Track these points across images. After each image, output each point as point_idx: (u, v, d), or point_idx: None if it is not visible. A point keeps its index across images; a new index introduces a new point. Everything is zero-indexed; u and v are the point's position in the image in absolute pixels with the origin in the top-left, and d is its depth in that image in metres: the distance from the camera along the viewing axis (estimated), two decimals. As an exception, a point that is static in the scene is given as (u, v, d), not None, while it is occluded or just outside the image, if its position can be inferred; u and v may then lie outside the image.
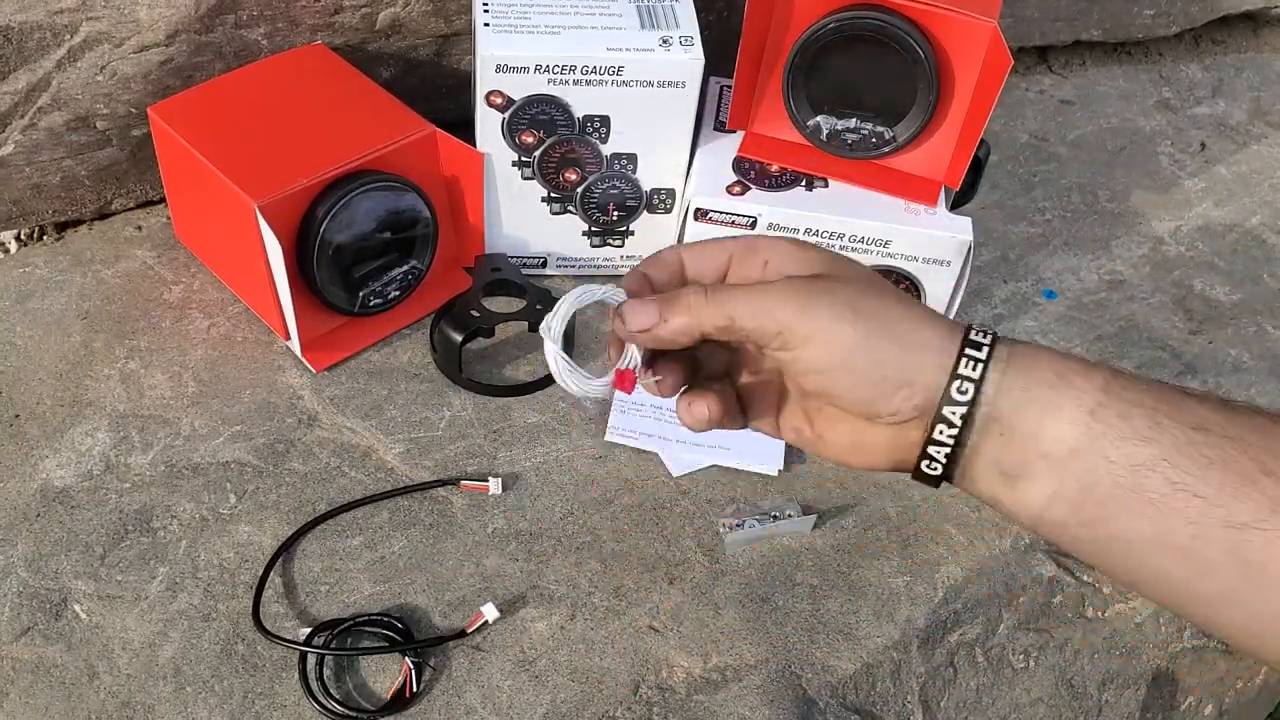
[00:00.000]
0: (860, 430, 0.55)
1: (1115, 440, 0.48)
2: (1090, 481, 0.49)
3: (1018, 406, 0.50)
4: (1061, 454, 0.49)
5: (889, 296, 0.53)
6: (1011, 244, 1.09)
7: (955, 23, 0.84)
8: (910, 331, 0.52)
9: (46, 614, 0.73)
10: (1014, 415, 0.50)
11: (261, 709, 0.70)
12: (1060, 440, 0.49)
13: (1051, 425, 0.49)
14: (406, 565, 0.77)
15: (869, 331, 0.51)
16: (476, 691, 0.72)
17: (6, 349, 0.88)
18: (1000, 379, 0.50)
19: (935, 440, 0.51)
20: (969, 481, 0.53)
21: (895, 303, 0.53)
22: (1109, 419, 0.48)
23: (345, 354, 0.90)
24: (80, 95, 0.90)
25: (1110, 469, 0.48)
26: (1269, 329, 1.04)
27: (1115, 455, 0.48)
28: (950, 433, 0.51)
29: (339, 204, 0.83)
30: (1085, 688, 0.84)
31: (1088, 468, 0.49)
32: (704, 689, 0.73)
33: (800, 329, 0.52)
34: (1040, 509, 0.51)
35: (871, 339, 0.51)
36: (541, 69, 0.85)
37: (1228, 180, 1.21)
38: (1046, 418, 0.49)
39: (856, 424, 0.55)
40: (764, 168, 0.91)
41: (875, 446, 0.55)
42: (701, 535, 0.81)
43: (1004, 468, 0.51)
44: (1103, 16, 1.30)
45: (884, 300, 0.53)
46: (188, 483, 0.81)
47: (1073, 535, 0.51)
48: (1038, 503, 0.50)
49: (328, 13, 0.94)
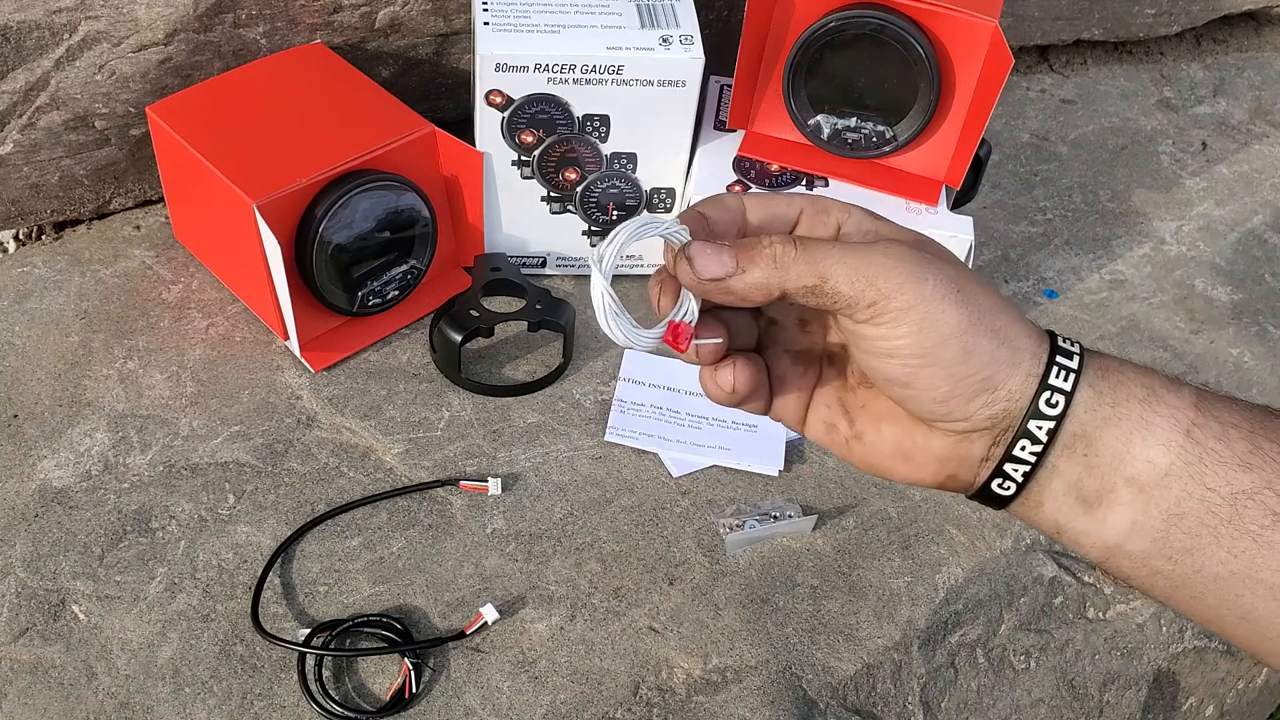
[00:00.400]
0: (912, 435, 0.49)
1: (1214, 465, 0.44)
2: (1180, 510, 0.45)
3: (1107, 423, 0.45)
4: (1152, 479, 0.45)
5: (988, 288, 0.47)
6: (1012, 243, 1.09)
7: (956, 22, 0.83)
8: (1007, 327, 0.46)
9: (45, 614, 0.73)
10: (1102, 434, 0.45)
11: (260, 710, 0.70)
12: (1151, 463, 0.45)
13: (1141, 446, 0.45)
14: (406, 566, 0.77)
15: (972, 319, 0.45)
16: (476, 692, 0.72)
17: (5, 349, 0.88)
18: (1090, 393, 0.46)
19: (1015, 457, 0.46)
20: (1033, 506, 0.48)
21: (993, 293, 0.47)
22: (1206, 440, 0.44)
23: (344, 354, 0.89)
24: (79, 95, 0.90)
25: (1206, 497, 0.44)
26: (1270, 329, 1.04)
27: (1214, 482, 0.44)
28: (1034, 449, 0.46)
29: (338, 203, 0.83)
30: (1086, 689, 0.84)
31: (1181, 495, 0.44)
32: (704, 690, 0.73)
33: (901, 300, 0.45)
34: (1119, 539, 0.46)
35: (973, 328, 0.45)
36: (541, 68, 0.85)
37: (1229, 180, 1.21)
38: (1136, 437, 0.45)
39: (909, 427, 0.49)
40: (764, 167, 0.91)
41: (926, 456, 0.49)
42: (701, 535, 0.81)
43: (1083, 492, 0.46)
44: (1104, 15, 1.30)
45: (984, 288, 0.47)
46: (186, 483, 0.80)
47: (1151, 569, 0.46)
48: (1116, 532, 0.46)
49: (326, 12, 0.94)
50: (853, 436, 0.51)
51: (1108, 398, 0.46)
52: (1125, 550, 0.46)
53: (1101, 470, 0.46)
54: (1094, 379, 0.46)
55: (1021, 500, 0.48)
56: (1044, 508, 0.47)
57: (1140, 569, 0.46)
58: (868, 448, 0.51)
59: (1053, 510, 0.47)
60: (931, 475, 0.49)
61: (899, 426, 0.49)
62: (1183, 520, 0.44)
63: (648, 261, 0.98)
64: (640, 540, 0.80)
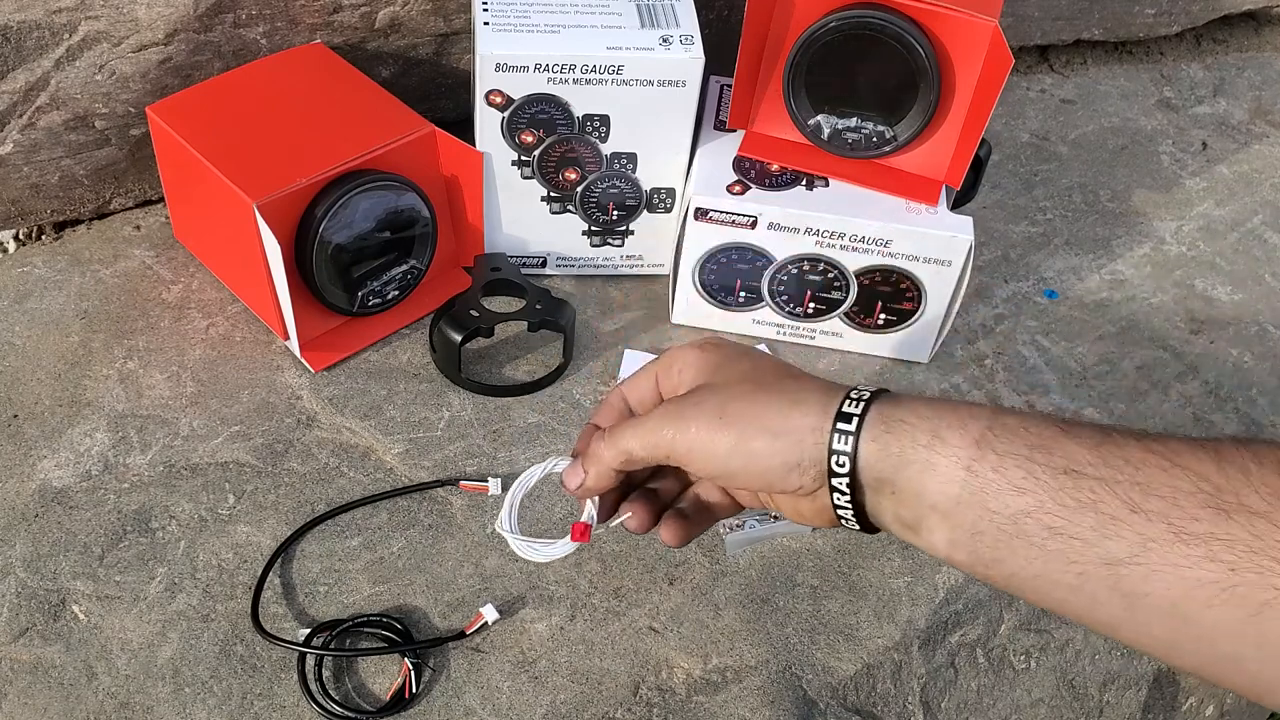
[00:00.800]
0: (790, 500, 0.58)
1: (994, 493, 0.51)
2: (979, 529, 0.51)
3: (898, 469, 0.53)
4: (948, 507, 0.52)
5: (762, 391, 0.57)
6: (1012, 243, 1.09)
7: (956, 22, 0.83)
8: (781, 420, 0.56)
9: (45, 614, 0.73)
10: (897, 476, 0.53)
11: (260, 710, 0.70)
12: (944, 494, 0.52)
13: (933, 482, 0.52)
14: (406, 566, 0.77)
15: (740, 435, 0.56)
16: (476, 692, 0.72)
17: (5, 349, 0.88)
18: (875, 446, 0.54)
19: (837, 504, 0.56)
20: (887, 529, 0.56)
21: (768, 394, 0.57)
22: (984, 473, 0.51)
23: (344, 354, 0.89)
24: (79, 95, 0.90)
25: (993, 519, 0.51)
26: (1270, 329, 1.04)
27: (995, 505, 0.51)
28: (844, 499, 0.55)
29: (338, 203, 0.83)
30: (1086, 689, 0.84)
31: (974, 518, 0.51)
32: (704, 690, 0.73)
33: (679, 447, 0.58)
34: (945, 552, 0.54)
35: (744, 441, 0.56)
36: (541, 68, 0.85)
37: (1229, 180, 1.21)
38: (927, 476, 0.52)
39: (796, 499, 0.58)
40: (764, 167, 0.91)
41: (811, 511, 0.58)
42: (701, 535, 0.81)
43: (904, 520, 0.54)
44: (1104, 15, 1.30)
45: (756, 396, 0.57)
46: (186, 483, 0.80)
47: (980, 574, 0.53)
48: (941, 547, 0.54)
49: (326, 12, 0.94)
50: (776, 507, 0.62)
51: (894, 447, 0.53)
52: (955, 560, 0.54)
53: (910, 503, 0.54)
54: (877, 434, 0.54)
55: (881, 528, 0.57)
56: (891, 530, 0.56)
57: (974, 573, 0.54)
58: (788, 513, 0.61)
59: (898, 532, 0.56)
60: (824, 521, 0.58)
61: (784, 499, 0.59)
62: (983, 537, 0.51)
63: (648, 261, 0.98)
64: (640, 540, 0.80)
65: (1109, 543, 0.48)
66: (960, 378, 0.95)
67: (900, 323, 0.93)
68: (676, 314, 0.95)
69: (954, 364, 0.96)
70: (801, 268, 0.91)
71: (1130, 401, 0.95)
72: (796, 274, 0.91)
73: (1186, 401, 0.96)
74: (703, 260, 0.91)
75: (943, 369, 0.95)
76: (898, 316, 0.93)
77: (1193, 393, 0.97)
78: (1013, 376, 0.96)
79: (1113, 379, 0.97)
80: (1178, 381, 0.98)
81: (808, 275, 0.91)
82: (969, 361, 0.96)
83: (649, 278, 0.99)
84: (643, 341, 0.94)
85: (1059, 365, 0.97)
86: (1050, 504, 0.49)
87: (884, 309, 0.92)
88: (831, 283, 0.91)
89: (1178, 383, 0.98)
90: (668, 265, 0.98)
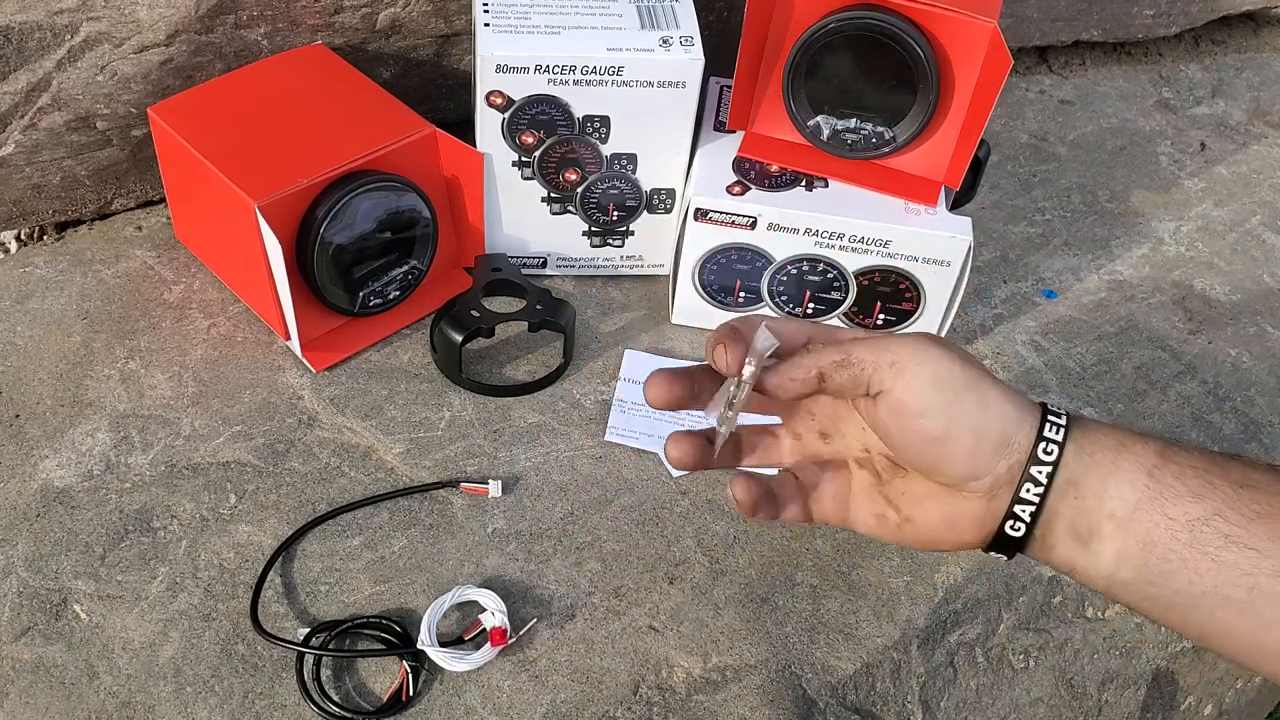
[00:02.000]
0: (952, 502, 0.57)
1: (1172, 498, 0.52)
2: (1151, 539, 0.52)
3: (1087, 470, 0.54)
4: (1125, 513, 0.53)
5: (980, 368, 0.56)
6: (1011, 244, 1.09)
7: (955, 23, 0.84)
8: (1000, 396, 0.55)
9: (46, 614, 0.73)
10: (1084, 478, 0.54)
11: (261, 709, 0.70)
12: (1123, 499, 0.53)
13: (1115, 486, 0.53)
14: (406, 565, 0.77)
15: (979, 377, 0.55)
16: (476, 691, 0.72)
17: (7, 349, 0.88)
18: (1074, 445, 0.54)
19: (1021, 499, 0.55)
20: (1047, 550, 0.56)
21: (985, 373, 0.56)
22: (1165, 479, 0.52)
23: (345, 354, 0.90)
24: (80, 95, 0.90)
25: (1169, 525, 0.52)
26: (1269, 329, 1.04)
27: (1173, 511, 0.52)
28: (1036, 491, 0.54)
29: (339, 204, 0.83)
30: (1085, 688, 0.84)
31: (1149, 525, 0.52)
32: (704, 689, 0.73)
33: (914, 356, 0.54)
34: (1111, 569, 0.54)
35: (982, 384, 0.55)
36: (541, 69, 0.85)
37: (1228, 180, 1.21)
38: (1110, 479, 0.53)
39: (946, 497, 0.57)
40: (764, 168, 0.91)
41: (968, 520, 0.56)
42: (701, 535, 0.81)
43: (1078, 530, 0.54)
44: (1103, 16, 1.30)
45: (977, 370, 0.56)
46: (188, 483, 0.81)
47: (1142, 594, 0.53)
48: (1108, 563, 0.54)
49: (328, 13, 0.94)
50: (903, 520, 0.59)
51: (1087, 449, 0.54)
52: (1119, 579, 0.54)
53: (1088, 510, 0.54)
54: (1076, 435, 0.55)
55: (1039, 544, 0.56)
56: (1056, 549, 0.56)
57: (1136, 595, 0.54)
58: (918, 526, 0.59)
59: (1062, 550, 0.55)
60: (975, 535, 0.57)
61: (939, 499, 0.57)
62: (1155, 548, 0.52)
63: (648, 261, 0.98)
64: (640, 540, 0.80)
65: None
66: (959, 378, 0.95)
67: (899, 323, 0.93)
68: (676, 314, 0.95)
69: (953, 364, 0.96)
70: (801, 268, 0.91)
71: (1129, 401, 0.95)
72: (796, 274, 0.91)
73: (1185, 401, 0.96)
74: (702, 261, 0.91)
75: (942, 369, 0.95)
76: (897, 317, 0.93)
77: (1191, 393, 0.97)
78: (1012, 377, 0.96)
79: (1111, 379, 0.97)
80: (1176, 381, 0.98)
81: (807, 276, 0.91)
82: (968, 362, 0.97)
83: (649, 278, 1.00)
84: (643, 341, 0.94)
85: (1058, 365, 0.97)
86: (1228, 511, 0.50)
87: (883, 309, 0.93)
88: (831, 283, 0.91)
89: (1176, 383, 0.98)
90: (668, 266, 0.98)
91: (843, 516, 0.61)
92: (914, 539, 0.59)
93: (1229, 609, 0.50)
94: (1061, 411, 0.55)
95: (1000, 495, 0.55)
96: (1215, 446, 0.93)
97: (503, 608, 0.73)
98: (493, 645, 0.72)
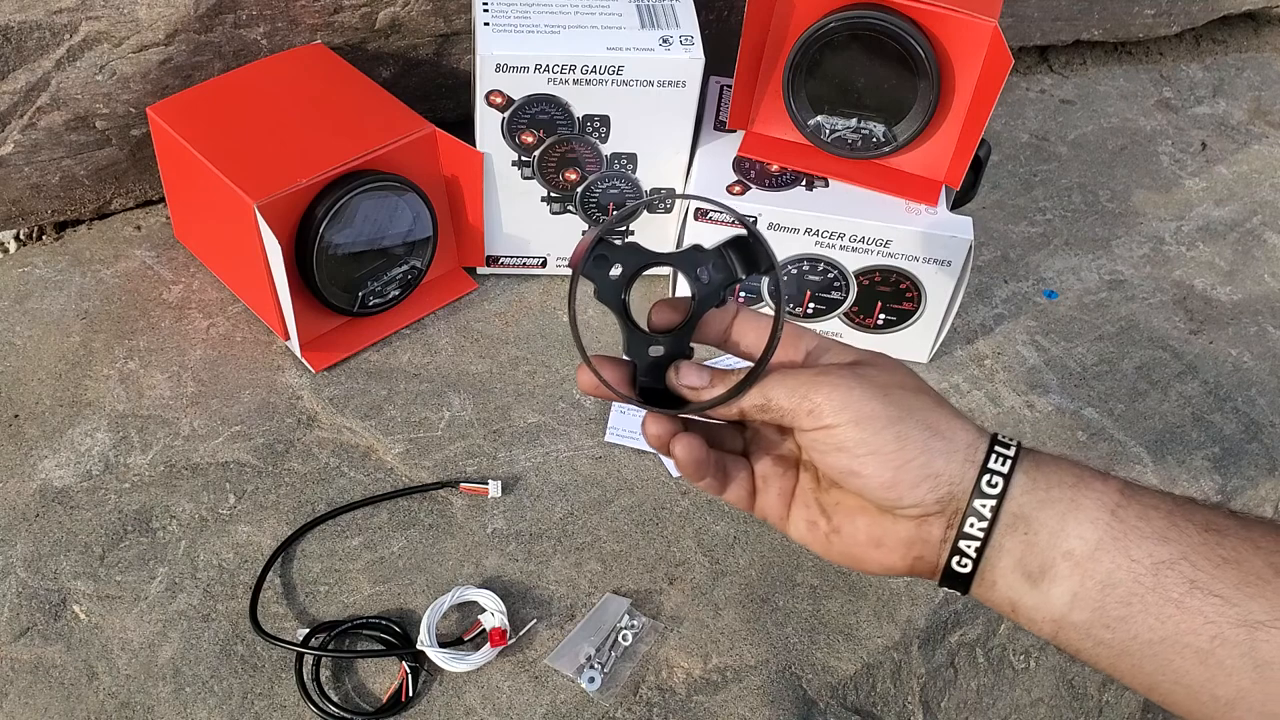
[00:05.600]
0: (880, 523, 0.55)
1: (1137, 539, 0.50)
2: (1113, 581, 0.50)
3: (1041, 505, 0.52)
4: (1084, 552, 0.50)
5: (925, 395, 0.55)
6: (1012, 244, 1.09)
7: (956, 22, 0.84)
8: (939, 423, 0.54)
9: (46, 614, 0.73)
10: (1038, 514, 0.52)
11: (261, 709, 0.70)
12: (1083, 539, 0.50)
13: (1074, 524, 0.51)
14: (406, 565, 0.77)
15: (899, 415, 0.53)
16: (476, 692, 0.72)
17: (6, 349, 0.88)
18: (1025, 479, 0.52)
19: (966, 534, 0.53)
20: (988, 586, 0.54)
21: (930, 400, 0.55)
22: (1129, 519, 0.50)
23: (345, 354, 0.90)
24: (79, 95, 0.90)
25: (1133, 567, 0.49)
26: (1269, 329, 1.04)
27: (1137, 553, 0.49)
28: (980, 526, 0.52)
29: (338, 204, 0.83)
30: (1086, 688, 0.84)
31: (1111, 567, 0.50)
32: (704, 689, 0.73)
33: (832, 404, 0.53)
34: (1064, 610, 0.51)
35: (901, 422, 0.53)
36: (541, 68, 0.85)
37: (1228, 180, 1.21)
38: (1069, 517, 0.51)
39: (877, 517, 0.55)
40: (764, 167, 0.91)
41: (895, 541, 0.55)
42: (701, 536, 0.81)
43: (1027, 568, 0.52)
44: (1103, 16, 1.30)
45: (918, 396, 0.55)
46: (187, 483, 0.81)
47: (1095, 639, 0.51)
48: (1060, 604, 0.51)
49: (327, 12, 0.94)
50: (831, 530, 0.58)
51: (1041, 483, 0.52)
52: (1070, 621, 0.51)
53: (1041, 547, 0.51)
54: (1028, 468, 0.53)
55: (979, 580, 0.54)
56: (997, 586, 0.53)
57: (1086, 640, 0.51)
58: (845, 539, 0.57)
59: (1005, 588, 0.53)
60: (901, 559, 0.55)
61: (869, 517, 0.56)
62: (1115, 590, 0.50)
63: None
64: (640, 540, 0.80)
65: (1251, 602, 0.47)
66: (960, 378, 0.95)
67: (900, 323, 0.93)
68: (676, 314, 0.95)
69: (954, 364, 0.96)
70: (801, 268, 0.91)
71: (1130, 402, 0.95)
72: (796, 274, 0.91)
73: (1186, 401, 0.96)
74: (703, 260, 0.91)
75: (942, 369, 0.95)
76: (897, 316, 0.93)
77: (1192, 393, 0.97)
78: (1012, 376, 0.96)
79: (1112, 379, 0.97)
80: (1177, 381, 0.98)
81: (807, 275, 0.91)
82: (969, 361, 0.97)
83: (649, 278, 0.99)
84: (643, 341, 0.94)
85: (1058, 365, 0.97)
86: (1194, 555, 0.48)
87: (884, 309, 0.93)
88: (831, 283, 0.91)
89: (1177, 383, 0.98)
90: (668, 265, 0.98)
91: (782, 516, 0.60)
92: (840, 552, 0.58)
93: (1187, 657, 0.48)
94: (1011, 442, 0.53)
95: (932, 523, 0.54)
96: (1216, 447, 0.93)
97: (502, 608, 0.73)
98: (492, 646, 0.72)
